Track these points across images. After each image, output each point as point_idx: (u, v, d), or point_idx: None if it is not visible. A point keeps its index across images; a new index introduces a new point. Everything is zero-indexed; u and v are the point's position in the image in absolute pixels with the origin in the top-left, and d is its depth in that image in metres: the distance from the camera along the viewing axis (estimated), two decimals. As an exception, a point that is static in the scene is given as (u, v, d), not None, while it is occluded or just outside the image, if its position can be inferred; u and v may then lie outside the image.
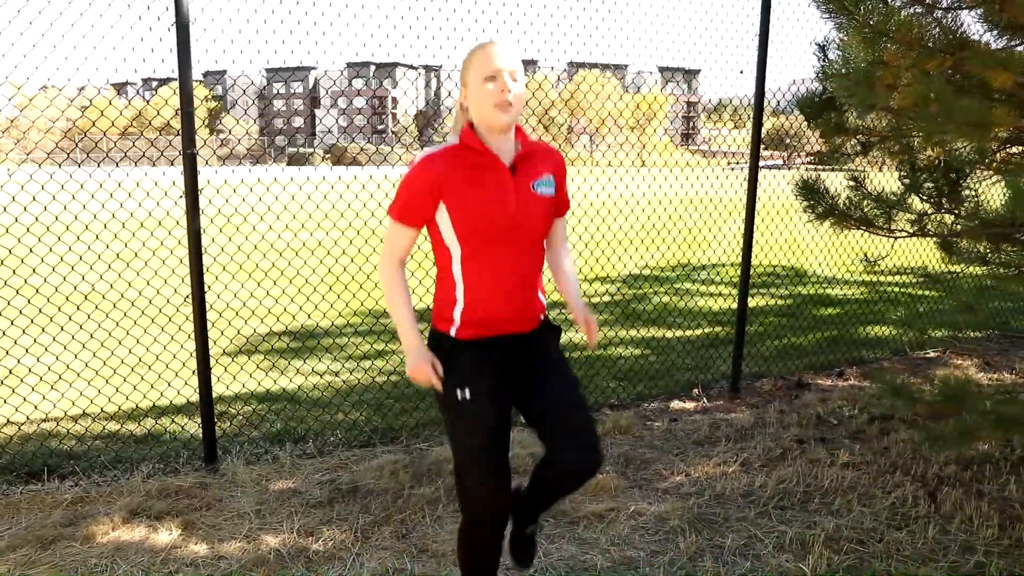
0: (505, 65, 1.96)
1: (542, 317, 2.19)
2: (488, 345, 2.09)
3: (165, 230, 6.84)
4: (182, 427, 4.22)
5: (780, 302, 7.58)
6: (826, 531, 3.02)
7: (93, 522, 3.21)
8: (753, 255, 4.77)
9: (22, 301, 5.19)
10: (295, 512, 3.33)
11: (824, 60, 4.25)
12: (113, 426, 4.28)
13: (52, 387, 4.73)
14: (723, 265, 10.15)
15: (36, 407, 4.35)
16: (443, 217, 2.02)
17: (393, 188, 2.31)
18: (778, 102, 6.06)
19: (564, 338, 5.14)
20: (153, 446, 3.99)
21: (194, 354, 3.72)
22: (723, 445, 3.97)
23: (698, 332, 6.46)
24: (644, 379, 5.08)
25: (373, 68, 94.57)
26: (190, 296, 3.64)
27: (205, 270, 3.67)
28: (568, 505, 3.31)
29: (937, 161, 4.51)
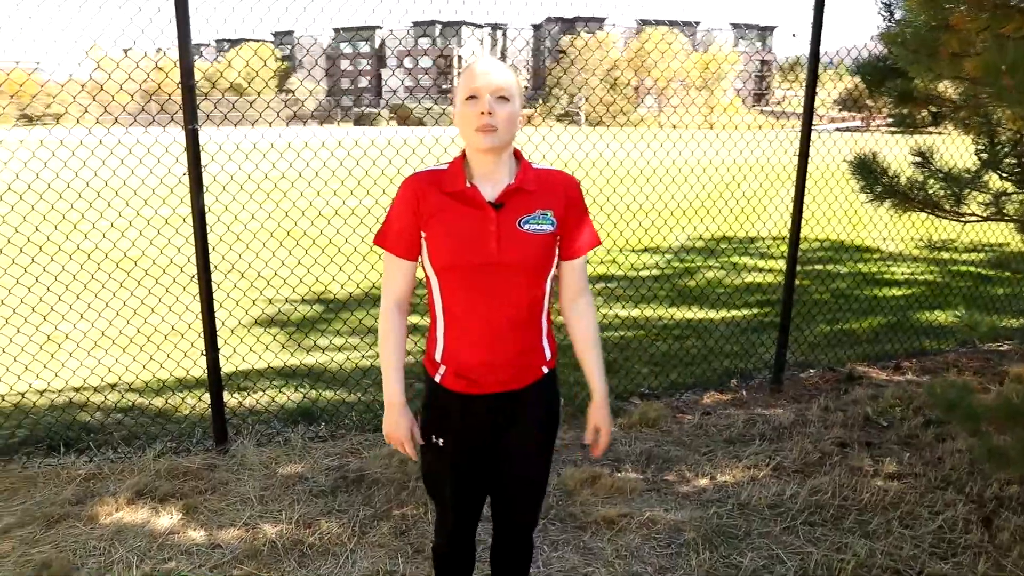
0: (487, 84, 1.74)
1: (545, 371, 1.95)
2: (473, 402, 1.90)
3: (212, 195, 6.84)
4: (194, 406, 4.19)
5: (835, 282, 7.08)
6: (858, 556, 2.73)
7: (100, 501, 3.21)
8: (810, 227, 4.38)
9: (74, 266, 5.26)
10: (298, 500, 3.25)
11: (890, 20, 3.79)
12: (136, 399, 4.30)
13: (89, 354, 4.78)
14: (780, 238, 9.61)
15: (57, 375, 4.40)
16: (424, 243, 1.86)
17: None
18: (852, 61, 5.54)
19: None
20: (168, 422, 3.98)
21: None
22: (756, 445, 3.68)
23: (744, 313, 6.09)
24: (680, 365, 4.80)
25: (439, 27, 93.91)
26: (196, 276, 3.54)
27: (210, 243, 3.57)
28: (579, 507, 3.12)
29: (1020, 135, 4.02)
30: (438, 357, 1.90)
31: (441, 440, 1.92)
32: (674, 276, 7.51)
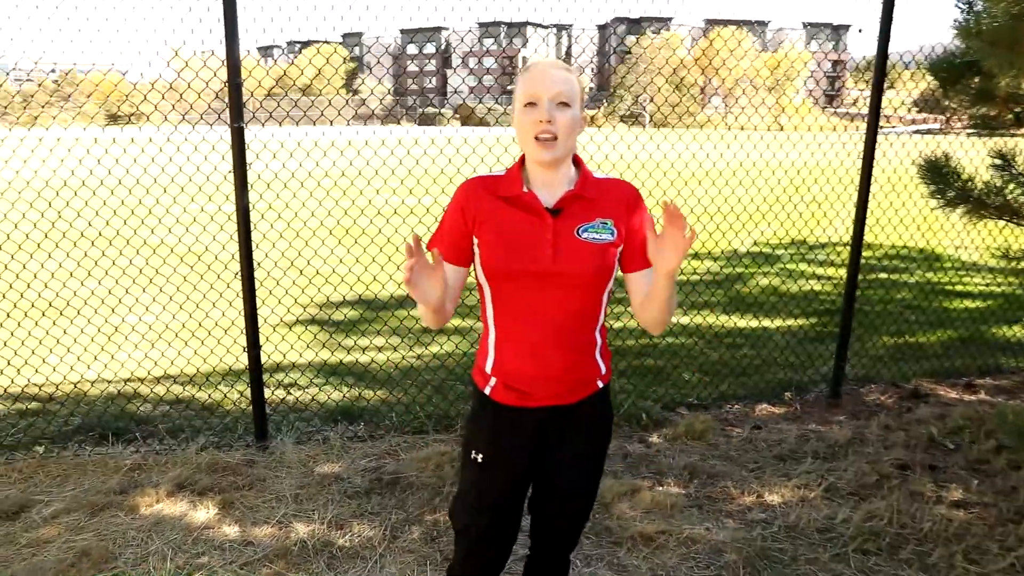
0: (546, 89, 1.65)
1: (600, 385, 1.86)
2: (522, 416, 1.81)
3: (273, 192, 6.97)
4: (238, 400, 4.24)
5: (902, 292, 6.70)
6: (914, 591, 2.54)
7: (142, 492, 3.26)
8: (874, 233, 4.12)
9: (138, 260, 5.45)
10: (332, 500, 3.24)
11: (968, 13, 3.54)
12: (184, 392, 4.39)
13: (137, 347, 4.92)
14: (844, 244, 9.18)
15: (106, 366, 4.53)
16: (477, 249, 1.79)
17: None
18: (925, 57, 5.23)
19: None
20: (212, 416, 4.04)
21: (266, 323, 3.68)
22: (808, 463, 3.49)
23: (802, 322, 5.82)
24: (731, 375, 4.61)
25: (504, 27, 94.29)
26: (239, 274, 3.57)
27: (257, 240, 3.59)
28: (615, 521, 3.00)
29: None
30: (488, 368, 1.82)
31: (481, 456, 1.83)
32: (730, 282, 7.26)
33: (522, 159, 1.78)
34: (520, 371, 1.77)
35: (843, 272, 7.31)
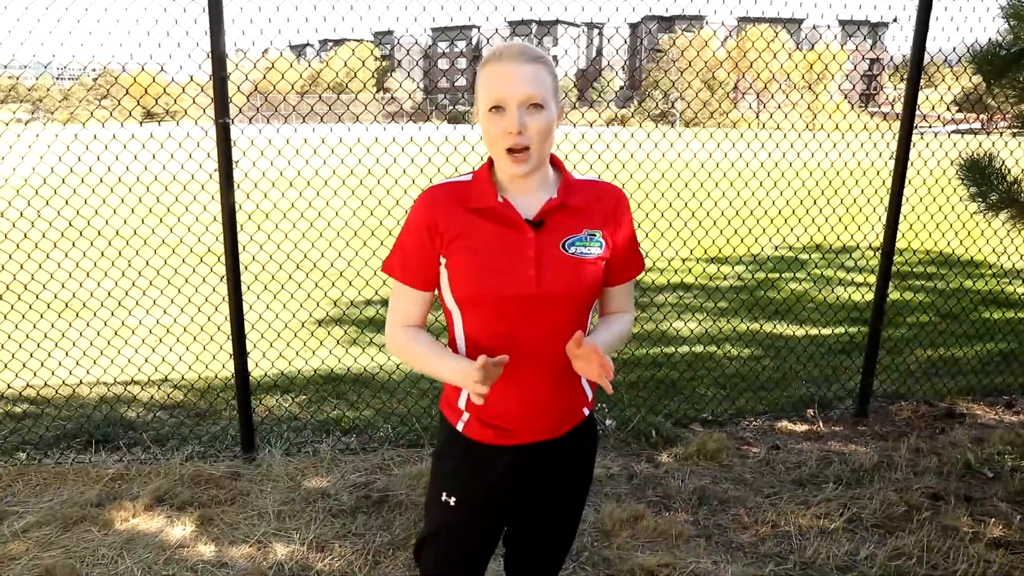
0: (515, 92, 1.40)
1: (585, 413, 1.65)
2: (500, 454, 1.59)
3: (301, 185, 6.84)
4: (227, 409, 4.08)
5: (937, 300, 6.32)
6: (944, 644, 2.26)
7: (119, 506, 3.12)
8: (906, 240, 3.82)
9: (158, 260, 5.34)
10: (315, 518, 3.06)
11: (1017, -1, 3.23)
12: (178, 397, 4.25)
13: (154, 349, 4.79)
14: (878, 249, 8.77)
15: (105, 370, 4.40)
16: (442, 271, 1.53)
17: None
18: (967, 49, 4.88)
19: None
20: (202, 424, 3.89)
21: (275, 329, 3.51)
22: (830, 490, 3.21)
23: (829, 332, 5.51)
24: (750, 389, 4.33)
25: (534, 26, 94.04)
26: (224, 277, 3.40)
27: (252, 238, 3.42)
28: (615, 552, 2.77)
29: None
30: (461, 404, 1.59)
31: (453, 499, 1.61)
32: (755, 287, 6.95)
33: (489, 163, 1.54)
34: (499, 407, 1.54)
35: (874, 279, 6.97)
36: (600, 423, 3.83)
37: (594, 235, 1.50)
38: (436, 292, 1.57)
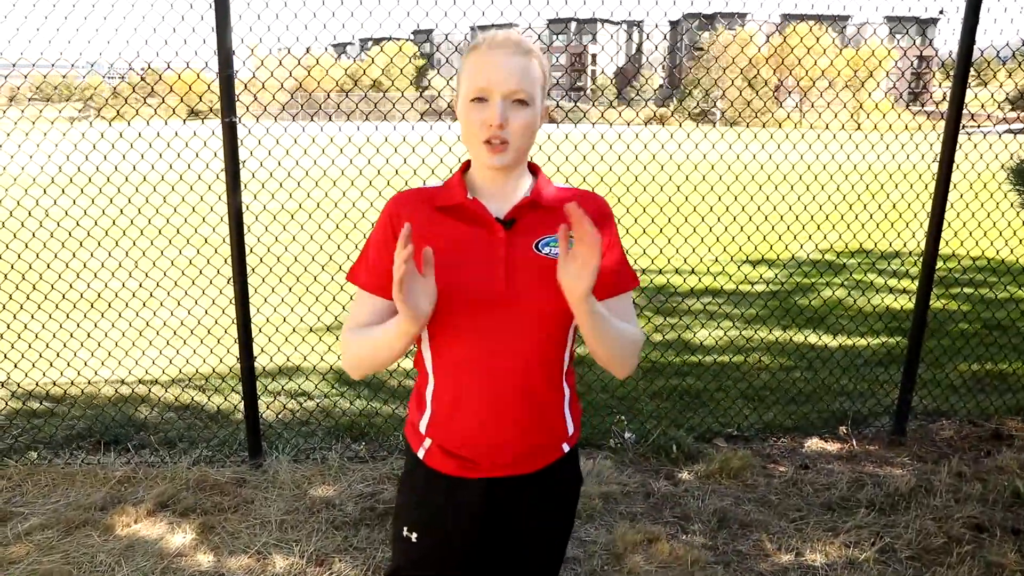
0: (500, 84, 1.29)
1: (566, 450, 1.49)
2: (464, 488, 1.44)
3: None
4: (235, 412, 4.01)
5: (987, 310, 5.99)
6: None
7: (122, 510, 3.07)
8: (950, 246, 3.57)
9: (191, 251, 5.34)
10: (318, 530, 2.96)
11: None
12: (192, 398, 4.20)
13: (177, 350, 4.77)
14: (921, 254, 8.40)
15: (121, 364, 4.39)
16: None
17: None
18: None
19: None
20: (210, 427, 3.84)
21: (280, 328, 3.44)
22: (861, 515, 3.00)
23: (868, 342, 5.24)
24: (779, 403, 4.12)
25: (573, 24, 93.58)
26: (232, 280, 3.32)
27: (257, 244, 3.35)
28: (626, 576, 2.61)
29: None
30: (423, 427, 1.45)
31: (414, 535, 1.48)
32: (790, 293, 6.69)
33: (464, 167, 1.42)
34: (463, 434, 1.40)
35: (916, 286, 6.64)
36: (619, 436, 3.67)
37: (571, 237, 1.37)
38: None
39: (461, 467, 1.42)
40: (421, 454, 1.46)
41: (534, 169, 1.45)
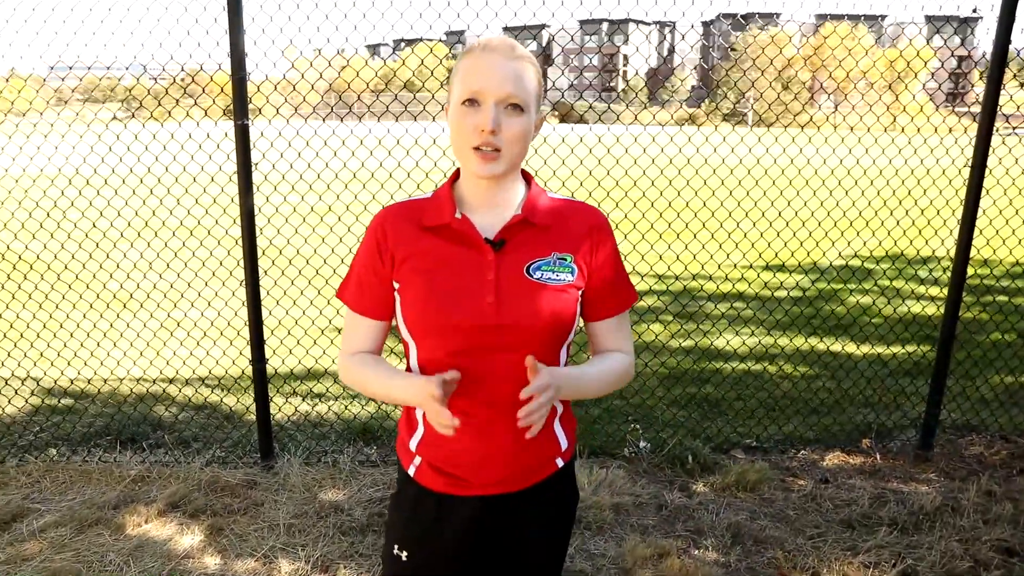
0: (495, 88, 1.25)
1: (560, 464, 1.45)
2: (454, 506, 1.41)
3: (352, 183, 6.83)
4: (243, 415, 4.02)
5: (1020, 320, 5.77)
6: None
7: (134, 509, 3.10)
8: (988, 252, 3.43)
9: (221, 251, 5.39)
10: (326, 534, 2.95)
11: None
12: (211, 396, 4.23)
13: (200, 344, 4.81)
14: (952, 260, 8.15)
15: (133, 367, 4.43)
16: (397, 296, 1.38)
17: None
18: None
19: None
20: (226, 426, 3.86)
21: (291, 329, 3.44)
22: (883, 535, 2.89)
23: (896, 351, 5.09)
24: (800, 413, 4.01)
25: (606, 25, 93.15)
26: (244, 282, 3.33)
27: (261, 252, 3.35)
28: (634, 592, 2.55)
29: None
30: (413, 445, 1.43)
31: (404, 553, 1.45)
32: (815, 299, 6.54)
33: (453, 177, 1.38)
34: (454, 452, 1.37)
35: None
36: (633, 445, 3.60)
37: (564, 259, 1.32)
38: (393, 322, 1.41)
39: (451, 484, 1.39)
40: (412, 471, 1.43)
41: (527, 177, 1.40)
